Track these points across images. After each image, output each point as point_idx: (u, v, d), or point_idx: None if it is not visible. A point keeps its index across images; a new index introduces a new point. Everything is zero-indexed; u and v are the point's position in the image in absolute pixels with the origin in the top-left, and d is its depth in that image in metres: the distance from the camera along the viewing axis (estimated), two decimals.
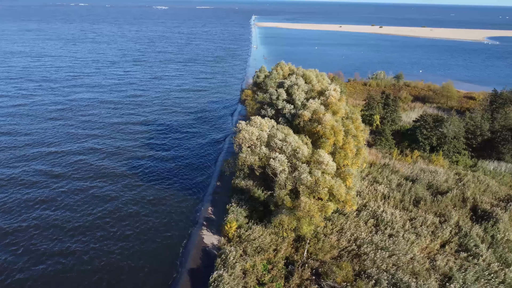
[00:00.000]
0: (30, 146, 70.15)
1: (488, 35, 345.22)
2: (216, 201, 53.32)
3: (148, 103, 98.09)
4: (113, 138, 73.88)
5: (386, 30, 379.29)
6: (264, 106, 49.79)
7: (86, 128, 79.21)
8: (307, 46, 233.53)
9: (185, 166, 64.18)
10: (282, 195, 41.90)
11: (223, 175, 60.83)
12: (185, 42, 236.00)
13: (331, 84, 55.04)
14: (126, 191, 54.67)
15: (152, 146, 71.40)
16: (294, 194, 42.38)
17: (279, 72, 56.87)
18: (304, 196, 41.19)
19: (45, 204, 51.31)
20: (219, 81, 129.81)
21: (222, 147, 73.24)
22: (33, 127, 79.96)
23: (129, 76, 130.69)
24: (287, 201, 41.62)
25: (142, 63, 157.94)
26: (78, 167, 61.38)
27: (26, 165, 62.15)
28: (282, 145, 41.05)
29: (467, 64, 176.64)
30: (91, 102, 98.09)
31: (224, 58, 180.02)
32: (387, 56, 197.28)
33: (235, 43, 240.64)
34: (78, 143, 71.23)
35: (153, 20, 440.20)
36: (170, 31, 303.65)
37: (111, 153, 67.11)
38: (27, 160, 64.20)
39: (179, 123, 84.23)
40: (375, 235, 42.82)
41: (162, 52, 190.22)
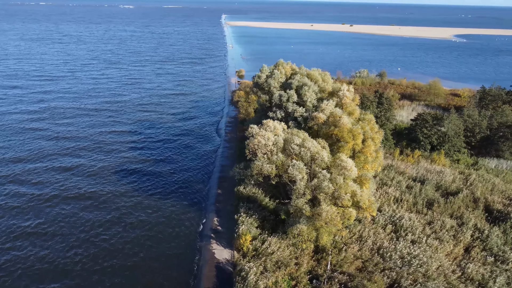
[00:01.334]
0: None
1: (454, 33, 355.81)
2: (220, 211, 49.86)
3: (129, 108, 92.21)
4: (96, 149, 67.60)
5: (356, 28, 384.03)
6: (272, 109, 46.71)
7: (64, 140, 71.98)
8: (282, 45, 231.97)
9: (180, 174, 60.17)
10: (301, 204, 39.05)
11: (222, 182, 57.50)
12: (158, 42, 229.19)
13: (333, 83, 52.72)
14: (121, 209, 50.13)
15: (140, 155, 66.71)
16: (311, 202, 39.68)
17: (282, 71, 53.92)
18: (325, 204, 38.59)
19: (32, 236, 46.21)
20: (200, 81, 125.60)
21: (216, 151, 69.65)
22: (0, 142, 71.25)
23: (105, 79, 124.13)
24: (306, 210, 38.85)
25: (116, 64, 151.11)
26: (61, 185, 55.68)
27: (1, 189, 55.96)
28: (300, 151, 38.16)
29: (442, 61, 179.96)
30: (66, 109, 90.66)
31: (201, 58, 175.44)
32: (364, 54, 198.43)
33: (210, 43, 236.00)
34: (57, 158, 63.61)
35: (121, 19, 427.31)
36: (140, 31, 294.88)
37: (96, 167, 61.17)
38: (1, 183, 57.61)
39: (166, 129, 79.64)
40: (397, 243, 40.67)
41: (135, 53, 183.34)
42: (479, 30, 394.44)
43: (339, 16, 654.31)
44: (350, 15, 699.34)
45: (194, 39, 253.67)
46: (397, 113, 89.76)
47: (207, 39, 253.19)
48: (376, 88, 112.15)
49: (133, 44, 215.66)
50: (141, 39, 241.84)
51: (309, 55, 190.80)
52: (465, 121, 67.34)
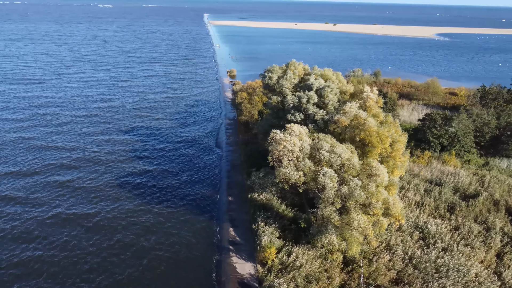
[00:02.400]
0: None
1: (436, 32, 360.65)
2: (234, 220, 47.13)
3: (123, 113, 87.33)
4: (93, 160, 62.90)
5: (340, 27, 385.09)
6: (291, 111, 44.24)
7: (57, 145, 67.70)
8: (270, 44, 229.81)
9: (187, 182, 57.09)
10: (329, 213, 36.77)
11: (231, 189, 54.80)
12: (143, 42, 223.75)
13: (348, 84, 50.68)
14: (128, 219, 46.73)
15: (140, 160, 63.28)
16: (338, 210, 37.44)
17: (295, 72, 51.54)
18: (355, 212, 36.41)
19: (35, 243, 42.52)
20: (192, 82, 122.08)
21: (220, 156, 66.75)
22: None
23: (93, 81, 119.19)
24: (335, 220, 36.59)
25: (103, 65, 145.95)
26: (59, 202, 51.51)
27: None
28: (330, 157, 35.83)
29: (430, 60, 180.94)
30: (55, 115, 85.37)
31: (189, 58, 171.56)
32: (352, 53, 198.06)
33: (196, 42, 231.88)
34: (50, 171, 58.31)
35: (102, 18, 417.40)
36: (123, 31, 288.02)
37: (95, 180, 56.93)
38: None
39: (165, 134, 75.94)
40: (429, 251, 38.79)
41: (121, 53, 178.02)
42: (460, 29, 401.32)
43: (320, 15, 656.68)
44: (331, 14, 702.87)
45: (179, 38, 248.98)
46: (399, 112, 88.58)
47: (193, 39, 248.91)
48: (372, 87, 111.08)
49: (118, 44, 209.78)
50: (125, 39, 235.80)
51: (298, 55, 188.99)
52: (473, 121, 66.33)
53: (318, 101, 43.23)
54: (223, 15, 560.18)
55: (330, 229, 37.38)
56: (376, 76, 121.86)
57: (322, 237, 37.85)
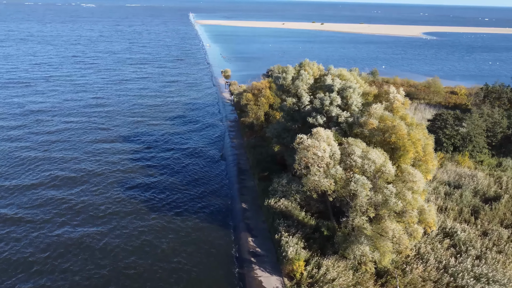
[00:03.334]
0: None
1: (422, 30, 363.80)
2: (252, 229, 44.64)
3: (119, 116, 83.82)
4: (93, 164, 59.55)
5: (327, 27, 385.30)
6: (312, 113, 41.98)
7: (53, 155, 63.08)
8: (260, 44, 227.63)
9: (195, 188, 54.33)
10: (361, 222, 34.68)
11: (243, 195, 52.31)
12: (131, 42, 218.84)
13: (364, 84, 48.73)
14: (140, 236, 43.88)
15: (144, 169, 60.05)
16: (369, 218, 35.39)
17: (310, 72, 49.32)
18: (389, 221, 34.41)
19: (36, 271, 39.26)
20: (187, 83, 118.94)
21: (226, 160, 64.09)
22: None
23: (83, 82, 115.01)
24: (368, 229, 34.53)
25: (92, 66, 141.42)
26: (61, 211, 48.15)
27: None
28: (364, 163, 33.69)
29: (423, 59, 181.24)
30: (49, 117, 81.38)
31: (181, 58, 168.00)
32: (344, 52, 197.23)
33: (186, 42, 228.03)
34: (48, 176, 55.26)
35: (86, 18, 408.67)
36: (108, 30, 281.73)
37: (96, 185, 53.92)
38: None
39: (165, 137, 72.87)
40: (463, 259, 37.00)
41: (110, 53, 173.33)
42: (445, 28, 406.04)
43: (306, 14, 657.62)
44: (316, 13, 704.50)
45: (168, 38, 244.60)
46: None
47: (182, 38, 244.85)
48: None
49: (105, 44, 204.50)
50: (112, 39, 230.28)
51: (290, 54, 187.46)
52: (485, 120, 65.24)
53: (341, 103, 41.05)
54: (209, 15, 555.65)
55: (362, 239, 35.25)
56: (373, 75, 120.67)
57: (353, 248, 35.68)
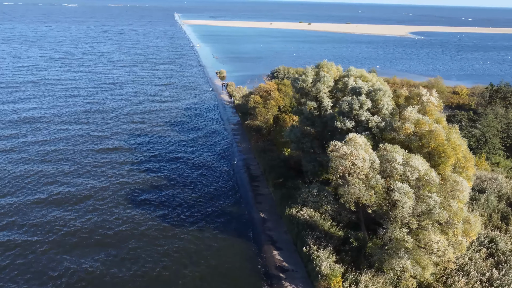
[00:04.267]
0: None
1: (409, 30, 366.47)
2: (275, 241, 42.00)
3: (118, 120, 79.81)
4: (97, 171, 56.38)
5: (315, 26, 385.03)
6: (340, 118, 39.56)
7: (47, 163, 58.86)
8: (250, 44, 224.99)
9: (207, 196, 51.41)
10: (402, 234, 32.45)
11: (259, 203, 49.69)
12: (119, 42, 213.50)
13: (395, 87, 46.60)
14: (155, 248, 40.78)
15: (151, 176, 56.60)
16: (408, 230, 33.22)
17: (330, 74, 46.97)
18: (434, 233, 32.27)
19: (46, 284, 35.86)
20: (183, 85, 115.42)
21: (234, 166, 61.25)
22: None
23: (75, 85, 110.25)
24: (409, 242, 32.29)
25: (81, 67, 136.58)
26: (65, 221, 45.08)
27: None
28: (406, 171, 31.41)
29: (416, 58, 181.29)
30: (43, 123, 77.10)
31: (173, 59, 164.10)
32: (336, 52, 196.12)
33: (175, 42, 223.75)
34: (49, 184, 51.80)
35: (70, 18, 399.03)
36: (94, 31, 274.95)
37: (102, 192, 50.82)
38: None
39: (167, 144, 69.04)
40: (507, 271, 35.06)
41: (99, 54, 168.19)
42: (430, 28, 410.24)
43: (292, 14, 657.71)
44: (301, 13, 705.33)
45: (156, 39, 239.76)
46: None
47: (171, 39, 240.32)
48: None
49: (93, 45, 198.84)
50: (99, 39, 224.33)
51: (282, 54, 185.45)
52: (499, 121, 64.03)
53: (371, 106, 38.77)
54: (195, 15, 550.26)
55: (402, 253, 32.97)
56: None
57: (393, 262, 33.37)
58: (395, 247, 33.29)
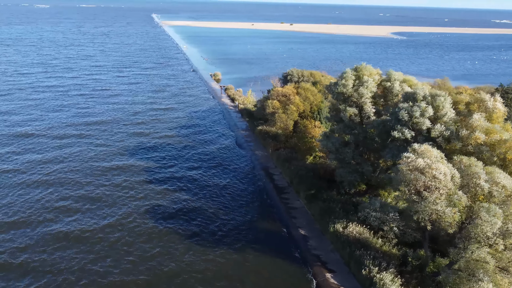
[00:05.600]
0: None
1: (390, 31, 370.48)
2: (325, 262, 38.42)
3: (116, 128, 73.93)
4: (103, 189, 50.71)
5: (297, 27, 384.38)
6: (397, 127, 36.36)
7: (47, 176, 53.48)
8: (238, 45, 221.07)
9: (235, 211, 47.39)
10: (483, 255, 29.53)
11: (295, 218, 46.14)
12: (101, 44, 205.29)
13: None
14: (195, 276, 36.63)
15: (164, 193, 51.72)
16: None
17: (375, 78, 43.90)
18: None
19: None
20: (180, 89, 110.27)
21: (257, 175, 57.37)
22: None
23: (64, 91, 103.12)
24: (490, 263, 29.42)
25: (67, 71, 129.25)
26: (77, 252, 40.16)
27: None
28: (493, 190, 28.47)
29: (406, 58, 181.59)
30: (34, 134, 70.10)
31: (162, 61, 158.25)
32: (327, 53, 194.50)
33: (160, 44, 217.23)
34: (49, 208, 46.05)
35: (44, 19, 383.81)
36: (73, 32, 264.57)
37: (111, 215, 45.85)
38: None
39: (176, 152, 63.76)
40: None
41: (83, 57, 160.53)
42: (410, 28, 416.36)
43: (271, 15, 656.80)
44: (280, 14, 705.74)
45: (140, 40, 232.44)
46: None
47: (155, 40, 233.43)
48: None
49: (75, 47, 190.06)
50: (80, 41, 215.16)
51: (272, 56, 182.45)
52: None
53: (433, 114, 35.75)
54: (173, 15, 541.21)
55: (482, 275, 30.03)
56: None
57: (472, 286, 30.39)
58: (473, 269, 30.39)
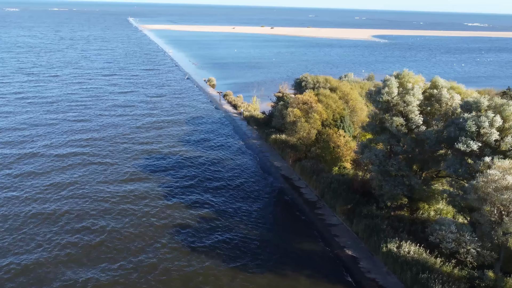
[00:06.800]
0: None
1: (371, 34, 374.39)
2: (382, 287, 35.29)
3: (119, 142, 68.30)
4: (120, 214, 46.83)
5: (278, 31, 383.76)
6: (461, 139, 33.65)
7: (48, 203, 48.60)
8: (224, 49, 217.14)
9: (274, 233, 43.81)
10: None
11: (338, 236, 42.96)
12: (82, 49, 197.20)
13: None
14: None
15: (190, 213, 47.90)
16: None
17: (421, 86, 41.28)
18: None
19: None
20: (175, 96, 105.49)
21: (280, 187, 53.91)
22: None
23: (51, 99, 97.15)
24: None
25: (51, 78, 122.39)
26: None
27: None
28: None
29: (396, 61, 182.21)
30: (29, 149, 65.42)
31: (150, 67, 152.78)
32: (316, 56, 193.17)
33: (144, 48, 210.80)
34: (57, 239, 41.92)
35: (17, 23, 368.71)
36: (50, 37, 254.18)
37: (129, 252, 42.03)
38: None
39: (189, 166, 59.27)
40: None
41: (66, 63, 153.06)
42: (390, 31, 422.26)
43: (248, 18, 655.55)
44: (258, 17, 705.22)
45: (122, 44, 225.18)
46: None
47: (138, 45, 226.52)
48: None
49: (55, 53, 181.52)
50: (60, 46, 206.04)
51: (262, 59, 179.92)
52: None
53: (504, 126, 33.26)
54: (150, 19, 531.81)
55: None
56: (370, 80, 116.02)
57: None
58: None
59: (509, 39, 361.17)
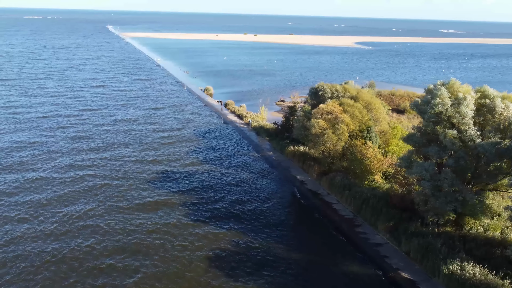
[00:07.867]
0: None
1: (354, 40, 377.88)
2: None
3: (125, 161, 62.89)
4: (138, 248, 42.77)
5: (262, 38, 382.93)
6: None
7: (63, 236, 44.65)
8: (212, 57, 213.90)
9: (317, 257, 40.67)
10: None
11: (385, 257, 40.09)
12: (66, 58, 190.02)
13: None
14: None
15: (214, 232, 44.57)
16: None
17: (473, 96, 39.19)
18: None
19: None
20: (175, 107, 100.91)
21: (312, 203, 50.87)
22: None
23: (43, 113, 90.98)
24: None
25: (39, 90, 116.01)
26: None
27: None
28: None
29: (388, 67, 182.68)
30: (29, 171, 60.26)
31: (142, 76, 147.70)
32: (307, 64, 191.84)
33: (131, 56, 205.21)
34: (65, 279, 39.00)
35: None
36: (31, 46, 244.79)
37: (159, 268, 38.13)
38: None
39: (207, 187, 54.27)
40: None
41: (51, 73, 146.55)
42: (371, 38, 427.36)
43: (229, 26, 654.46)
44: (238, 25, 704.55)
45: (107, 53, 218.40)
46: None
47: (123, 53, 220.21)
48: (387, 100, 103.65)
49: (37, 61, 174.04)
50: (42, 55, 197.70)
51: (253, 66, 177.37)
52: None
53: None
54: (131, 27, 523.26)
55: None
56: (371, 87, 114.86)
57: None
58: None
59: (488, 45, 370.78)
